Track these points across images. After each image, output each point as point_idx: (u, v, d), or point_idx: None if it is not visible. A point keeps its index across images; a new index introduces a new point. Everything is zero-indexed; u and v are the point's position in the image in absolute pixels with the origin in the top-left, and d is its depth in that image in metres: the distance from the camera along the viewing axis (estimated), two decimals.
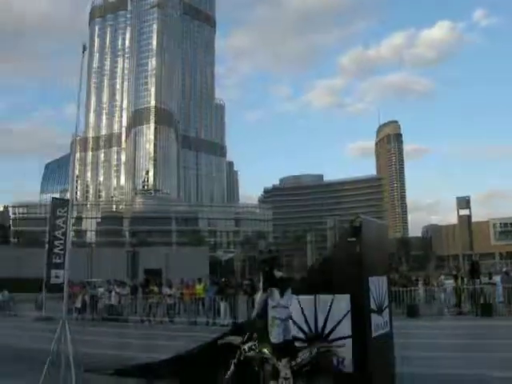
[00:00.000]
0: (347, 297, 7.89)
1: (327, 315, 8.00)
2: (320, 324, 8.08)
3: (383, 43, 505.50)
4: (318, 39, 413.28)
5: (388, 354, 8.99)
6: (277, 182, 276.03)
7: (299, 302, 8.22)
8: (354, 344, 7.76)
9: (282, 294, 8.50)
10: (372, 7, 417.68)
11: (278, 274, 9.02)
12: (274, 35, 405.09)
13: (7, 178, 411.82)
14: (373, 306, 8.26)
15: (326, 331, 7.99)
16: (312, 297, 8.18)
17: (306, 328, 8.23)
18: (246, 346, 8.69)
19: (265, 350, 8.21)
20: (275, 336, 8.10)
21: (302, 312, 8.26)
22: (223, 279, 34.14)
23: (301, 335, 8.19)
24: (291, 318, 8.46)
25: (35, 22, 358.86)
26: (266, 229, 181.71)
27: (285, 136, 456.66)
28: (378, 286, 8.50)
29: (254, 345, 8.59)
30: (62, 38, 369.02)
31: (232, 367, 8.61)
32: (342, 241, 8.36)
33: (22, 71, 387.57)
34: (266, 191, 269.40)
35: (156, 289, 29.75)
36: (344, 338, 7.81)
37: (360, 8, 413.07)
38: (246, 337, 8.88)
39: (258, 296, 8.92)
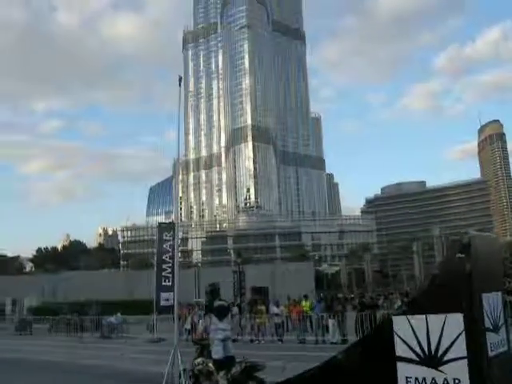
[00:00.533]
0: (460, 316, 7.51)
1: (440, 336, 7.68)
2: (433, 345, 7.77)
3: (478, 40, 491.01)
4: (411, 42, 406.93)
5: (507, 374, 8.53)
6: (378, 192, 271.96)
7: (410, 323, 7.95)
8: (469, 365, 7.37)
9: (220, 319, 11.11)
10: (462, 3, 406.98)
11: (216, 303, 11.63)
12: (366, 43, 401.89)
13: (115, 202, 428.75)
14: (488, 324, 7.83)
15: (440, 352, 7.67)
16: (423, 317, 7.88)
17: (418, 350, 7.94)
18: (196, 361, 11.33)
19: (210, 365, 10.82)
20: (215, 353, 10.67)
21: (414, 333, 7.98)
22: (331, 295, 33.78)
23: (413, 357, 7.91)
24: (229, 338, 11.20)
25: (133, 52, 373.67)
26: (370, 240, 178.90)
27: (384, 144, 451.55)
28: (492, 302, 8.07)
29: (203, 360, 11.18)
30: (159, 65, 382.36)
31: (190, 379, 11.35)
32: (451, 258, 8.02)
33: (124, 99, 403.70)
34: (368, 201, 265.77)
35: (263, 308, 29.80)
36: (459, 358, 7.45)
37: (450, 6, 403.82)
38: (197, 353, 11.55)
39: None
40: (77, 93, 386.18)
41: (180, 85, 16.16)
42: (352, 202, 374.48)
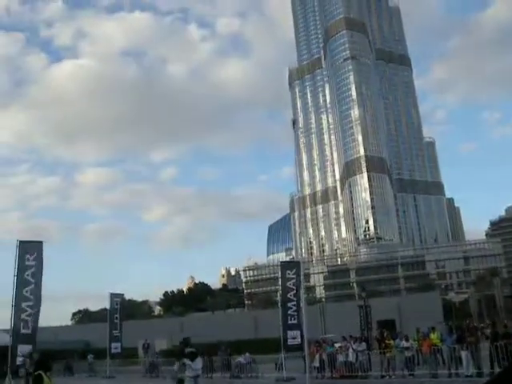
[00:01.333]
0: None
1: None
2: None
3: None
4: None
5: None
6: (503, 213, 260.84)
7: None
8: None
9: (192, 360, 17.07)
10: None
11: (188, 350, 18.50)
12: (474, 61, 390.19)
13: (235, 242, 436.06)
14: None
15: None
16: None
17: None
18: None
19: None
20: None
21: None
22: (463, 325, 32.78)
23: None
24: (199, 376, 17.41)
25: (242, 95, 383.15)
26: (498, 264, 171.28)
27: (504, 161, 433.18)
28: None
29: None
30: (268, 105, 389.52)
31: None
32: None
33: (236, 141, 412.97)
34: (493, 223, 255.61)
35: (392, 342, 29.37)
36: None
37: None
38: None
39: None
40: (190, 139, 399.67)
41: (294, 127, 16.62)
42: (476, 225, 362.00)
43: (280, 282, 32.61)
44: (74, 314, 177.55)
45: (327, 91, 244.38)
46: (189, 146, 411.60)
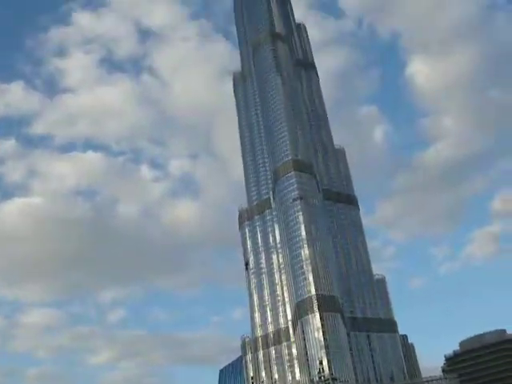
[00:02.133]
0: None
1: None
2: None
3: None
4: (464, 190, 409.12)
5: None
6: (457, 347, 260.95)
7: None
8: None
9: None
10: (509, 144, 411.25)
11: None
12: (419, 197, 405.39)
13: None
14: None
15: None
16: None
17: None
18: None
19: None
20: None
21: None
22: None
23: None
24: None
25: (193, 236, 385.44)
26: None
27: (454, 296, 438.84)
28: None
29: None
30: (219, 246, 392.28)
31: None
32: None
33: (188, 282, 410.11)
34: (448, 359, 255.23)
35: None
36: None
37: (496, 149, 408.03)
38: None
39: None
40: (141, 281, 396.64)
41: (247, 269, 15.58)
42: (431, 361, 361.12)
43: None
44: None
45: (277, 231, 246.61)
46: (140, 286, 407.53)
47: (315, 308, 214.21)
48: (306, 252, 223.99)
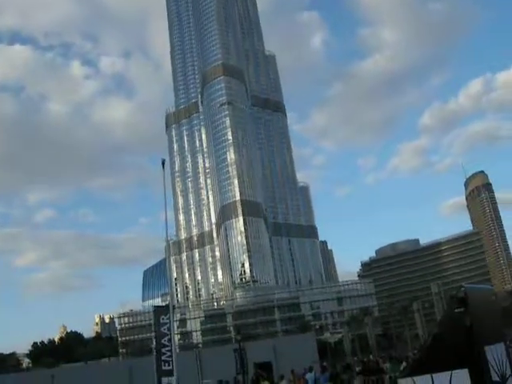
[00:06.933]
0: (465, 372, 7.32)
1: None
2: None
3: (460, 94, 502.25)
4: (397, 103, 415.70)
5: None
6: (373, 254, 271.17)
7: (415, 383, 7.70)
8: None
9: None
10: (443, 59, 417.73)
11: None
12: (352, 108, 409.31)
13: (111, 288, 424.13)
14: (494, 376, 7.62)
15: None
16: (428, 377, 7.64)
17: None
18: None
19: None
20: None
21: None
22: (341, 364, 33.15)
23: None
24: None
25: (124, 138, 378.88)
26: (370, 303, 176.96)
27: (376, 206, 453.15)
28: (496, 354, 7.86)
29: None
30: (149, 149, 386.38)
31: None
32: (450, 313, 7.84)
33: (117, 185, 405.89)
34: (364, 265, 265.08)
35: (267, 383, 29.06)
36: None
37: (431, 63, 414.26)
38: None
39: None
40: (70, 181, 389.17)
41: (164, 168, 16.03)
42: (348, 267, 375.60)
43: (154, 327, 31.51)
44: None
45: (203, 135, 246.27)
46: (69, 187, 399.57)
47: (239, 212, 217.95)
48: (231, 157, 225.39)
